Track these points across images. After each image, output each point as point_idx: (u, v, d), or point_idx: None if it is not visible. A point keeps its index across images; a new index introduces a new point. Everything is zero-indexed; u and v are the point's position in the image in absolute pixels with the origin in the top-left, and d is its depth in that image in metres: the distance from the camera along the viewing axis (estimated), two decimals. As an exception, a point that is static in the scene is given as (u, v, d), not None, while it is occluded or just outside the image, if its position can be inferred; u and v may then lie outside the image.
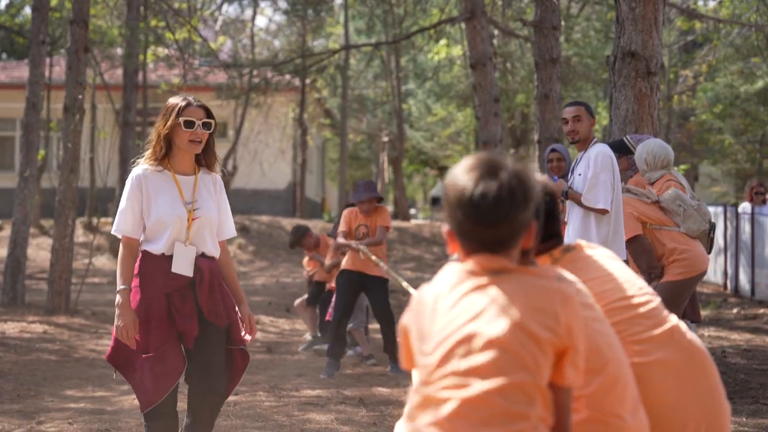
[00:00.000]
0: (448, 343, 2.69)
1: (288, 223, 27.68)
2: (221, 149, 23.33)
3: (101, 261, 22.20)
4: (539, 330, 2.66)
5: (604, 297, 3.45)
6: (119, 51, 25.37)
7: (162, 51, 25.35)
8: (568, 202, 7.60)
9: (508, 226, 2.71)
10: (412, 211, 54.38)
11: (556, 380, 2.76)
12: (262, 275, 21.60)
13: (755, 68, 24.35)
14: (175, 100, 4.91)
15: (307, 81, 30.87)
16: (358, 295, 9.94)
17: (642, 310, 3.47)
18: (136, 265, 4.88)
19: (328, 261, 11.36)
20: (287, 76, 26.57)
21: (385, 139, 40.58)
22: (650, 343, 3.44)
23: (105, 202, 24.53)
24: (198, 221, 4.90)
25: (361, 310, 10.59)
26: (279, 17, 42.84)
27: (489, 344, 2.64)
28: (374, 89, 39.48)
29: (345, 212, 10.08)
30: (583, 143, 7.62)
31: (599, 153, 7.42)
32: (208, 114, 4.92)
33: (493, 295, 2.70)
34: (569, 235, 7.55)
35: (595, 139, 7.63)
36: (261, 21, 56.76)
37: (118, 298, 4.80)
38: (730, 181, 30.92)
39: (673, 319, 3.54)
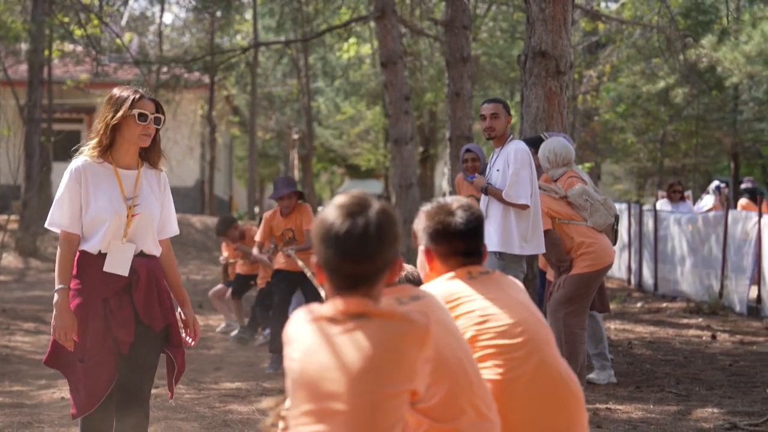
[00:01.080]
0: (310, 388, 2.75)
1: (197, 220, 27.52)
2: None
3: (7, 259, 21.85)
4: (399, 381, 2.74)
5: (492, 319, 3.53)
6: (24, 46, 24.95)
7: (68, 46, 24.98)
8: (486, 198, 7.79)
9: (374, 263, 2.78)
10: (321, 208, 54.38)
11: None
12: (172, 272, 21.42)
13: (656, 69, 24.95)
14: (125, 92, 4.68)
15: (216, 78, 30.71)
16: (294, 292, 9.89)
17: (517, 340, 3.49)
18: (74, 265, 4.67)
19: (255, 251, 11.47)
20: (196, 74, 26.40)
21: (295, 136, 40.54)
22: (512, 376, 3.46)
23: (10, 199, 24.13)
24: (138, 218, 4.68)
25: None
26: (185, 14, 42.51)
27: (349, 391, 2.71)
28: (283, 87, 39.40)
29: (263, 218, 10.05)
30: (500, 140, 7.81)
31: (518, 150, 7.62)
32: (158, 108, 4.73)
33: (356, 342, 2.74)
34: (489, 232, 7.73)
35: (512, 136, 7.82)
36: (167, 18, 56.12)
37: (56, 298, 4.59)
38: (632, 179, 31.62)
39: (547, 355, 3.54)
